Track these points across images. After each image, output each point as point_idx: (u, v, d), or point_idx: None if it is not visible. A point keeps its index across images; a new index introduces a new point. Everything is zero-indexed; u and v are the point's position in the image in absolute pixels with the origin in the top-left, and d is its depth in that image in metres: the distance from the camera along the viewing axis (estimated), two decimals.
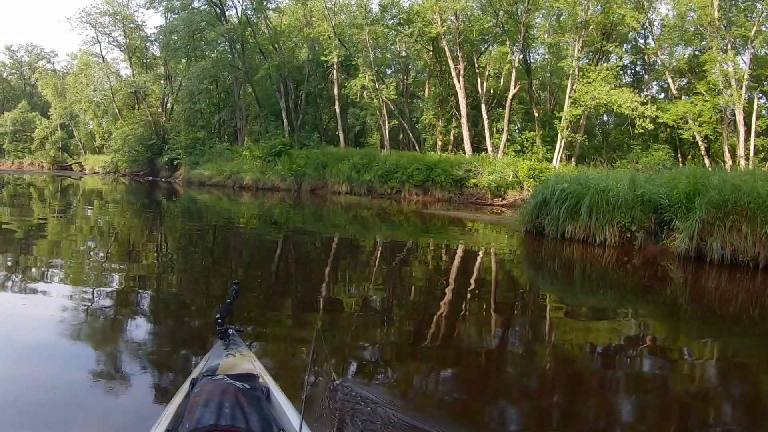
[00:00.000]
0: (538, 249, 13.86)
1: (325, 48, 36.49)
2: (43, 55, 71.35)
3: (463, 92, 32.25)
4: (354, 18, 36.79)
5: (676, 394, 4.92)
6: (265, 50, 39.83)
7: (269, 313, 6.92)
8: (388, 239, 15.62)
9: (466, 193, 27.26)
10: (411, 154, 31.48)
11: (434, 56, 37.31)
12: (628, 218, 12.52)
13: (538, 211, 14.45)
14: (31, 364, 4.85)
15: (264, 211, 23.03)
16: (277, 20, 43.02)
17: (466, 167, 27.46)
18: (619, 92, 28.58)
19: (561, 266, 12.04)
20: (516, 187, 26.42)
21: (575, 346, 6.21)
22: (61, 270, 8.97)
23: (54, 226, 15.03)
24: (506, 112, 32.08)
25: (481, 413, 4.42)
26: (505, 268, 11.75)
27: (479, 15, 34.20)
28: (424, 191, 27.79)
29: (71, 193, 30.90)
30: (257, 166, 33.02)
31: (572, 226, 13.26)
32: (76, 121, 58.86)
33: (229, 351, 3.41)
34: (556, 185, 14.17)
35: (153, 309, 6.90)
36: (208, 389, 2.63)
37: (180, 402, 2.85)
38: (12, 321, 5.93)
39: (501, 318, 7.27)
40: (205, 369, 3.16)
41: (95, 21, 47.18)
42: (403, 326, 6.71)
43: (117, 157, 46.89)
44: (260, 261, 11.11)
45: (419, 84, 41.88)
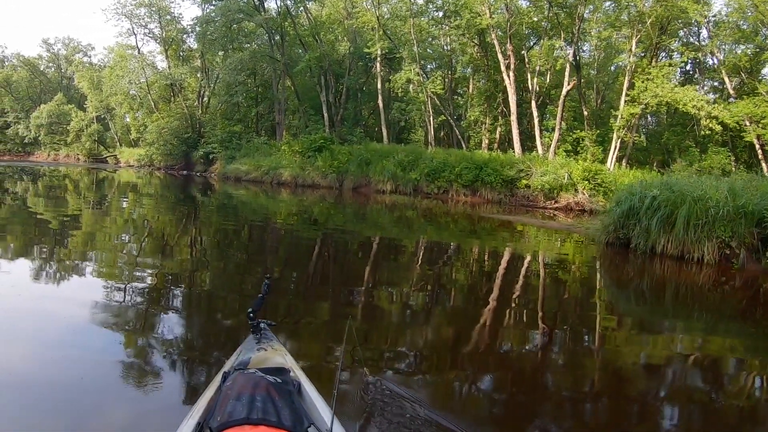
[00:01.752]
0: (622, 264, 12.17)
1: (368, 40, 35.12)
2: (80, 48, 71.48)
3: (513, 88, 30.60)
4: (398, 9, 35.37)
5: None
6: (306, 42, 38.50)
7: (303, 309, 6.97)
8: (441, 242, 14.61)
9: (518, 195, 25.64)
10: (459, 152, 29.92)
11: (481, 50, 35.69)
12: (728, 232, 10.88)
13: (624, 221, 12.75)
14: (62, 353, 4.93)
15: (303, 209, 22.04)
16: (317, 12, 41.81)
17: (517, 167, 25.83)
18: (684, 90, 26.86)
19: (650, 286, 10.34)
20: (570, 189, 24.79)
21: (646, 371, 5.71)
22: (94, 263, 9.04)
23: (88, 219, 15.09)
24: (559, 110, 30.35)
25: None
26: (581, 284, 10.24)
27: (529, 8, 32.58)
28: (473, 192, 26.22)
29: (106, 185, 30.86)
30: (296, 161, 31.51)
31: (664, 240, 11.59)
32: (112, 113, 58.86)
33: (261, 345, 3.44)
34: (645, 192, 12.46)
35: (186, 304, 6.98)
36: (240, 383, 2.66)
37: (212, 395, 2.87)
38: (45, 312, 6.09)
39: (562, 333, 6.85)
40: (236, 363, 3.20)
41: (131, 12, 46.61)
42: (443, 331, 6.58)
43: (152, 151, 45.90)
44: (297, 260, 10.94)
45: (461, 80, 40.25)
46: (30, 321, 5.85)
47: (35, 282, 7.55)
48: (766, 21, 26.76)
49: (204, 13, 40.21)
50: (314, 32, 37.91)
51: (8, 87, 68.42)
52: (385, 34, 34.48)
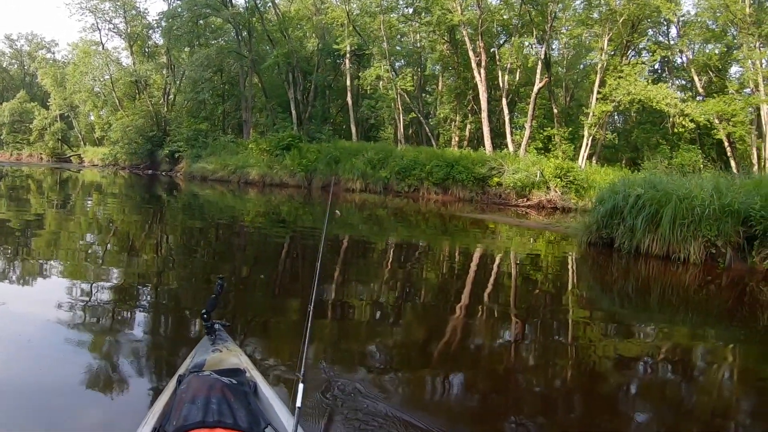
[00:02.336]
0: (606, 265, 11.75)
1: (337, 37, 34.52)
2: (44, 45, 69.99)
3: (484, 85, 30.27)
4: (367, 6, 34.83)
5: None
6: (274, 37, 37.71)
7: (269, 310, 6.87)
8: (412, 241, 14.08)
9: (490, 193, 25.30)
10: (430, 149, 29.49)
11: (451, 47, 35.30)
12: (714, 231, 10.54)
13: (607, 220, 12.31)
14: (22, 358, 4.84)
15: (271, 208, 21.52)
16: (286, 7, 41.09)
17: (489, 165, 25.46)
18: (657, 88, 26.80)
19: (636, 286, 9.94)
20: (542, 187, 24.53)
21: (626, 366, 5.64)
22: (55, 265, 8.90)
23: (51, 220, 14.76)
24: (530, 107, 30.15)
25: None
26: (564, 285, 9.79)
27: (500, 5, 32.30)
28: (444, 190, 25.81)
29: (70, 185, 30.03)
30: (264, 160, 30.74)
31: (649, 240, 11.20)
32: (76, 112, 57.53)
33: (216, 346, 3.40)
34: (629, 190, 12.05)
35: (149, 305, 6.86)
36: (195, 385, 2.60)
37: (167, 399, 2.82)
38: (5, 314, 5.91)
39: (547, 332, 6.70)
40: (191, 365, 3.15)
41: (95, 7, 45.20)
42: (411, 330, 6.48)
43: (116, 149, 44.72)
44: (264, 260, 10.74)
45: (430, 78, 39.86)
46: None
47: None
48: (737, 21, 26.77)
49: (170, 7, 39.22)
50: (282, 28, 37.15)
51: None
52: (355, 30, 33.92)
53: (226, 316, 5.31)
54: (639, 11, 28.08)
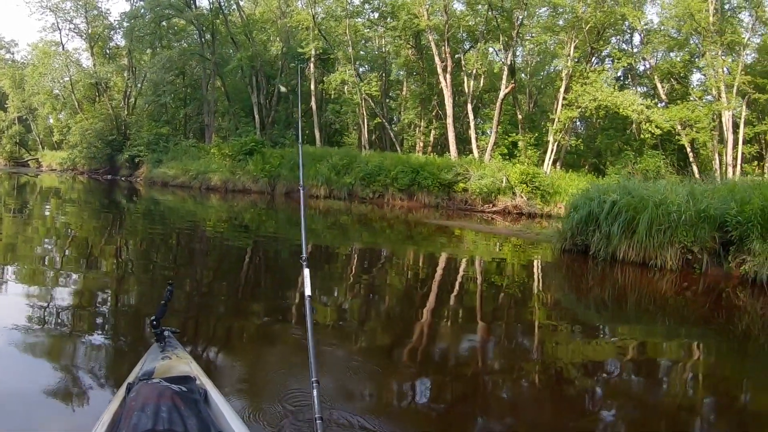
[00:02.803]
0: (581, 272, 11.58)
1: (302, 41, 34.03)
2: (3, 45, 67.73)
3: (449, 90, 30.21)
4: (332, 10, 34.48)
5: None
6: (237, 40, 37.06)
7: (223, 318, 6.83)
8: (377, 248, 13.88)
9: (455, 199, 25.10)
10: (395, 155, 29.15)
11: (416, 53, 35.12)
12: (690, 237, 10.45)
13: (582, 227, 12.12)
14: None
15: (233, 214, 21.00)
16: (250, 10, 40.49)
17: (455, 171, 25.27)
18: (623, 95, 26.94)
19: (612, 293, 9.84)
20: (507, 192, 24.45)
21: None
22: (10, 271, 8.76)
23: (7, 226, 14.41)
24: (496, 113, 30.12)
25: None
26: (538, 293, 9.61)
27: (466, 11, 32.17)
28: (410, 196, 25.55)
29: (27, 191, 29.34)
30: (226, 165, 30.08)
31: (626, 246, 11.06)
32: (34, 114, 55.96)
33: (165, 353, 3.34)
34: (604, 197, 11.88)
35: (102, 313, 6.74)
36: (145, 393, 2.58)
37: (116, 408, 2.74)
38: None
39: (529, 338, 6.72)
40: (141, 373, 3.08)
41: (56, 6, 43.86)
42: (374, 339, 6.37)
43: (75, 154, 43.43)
44: (225, 268, 10.53)
45: (395, 83, 39.65)
46: None
47: None
48: (700, 29, 27.05)
49: (133, 8, 38.32)
50: (247, 31, 36.58)
51: None
52: (320, 34, 33.47)
53: (180, 323, 5.42)
54: (605, 19, 28.20)
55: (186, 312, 6.69)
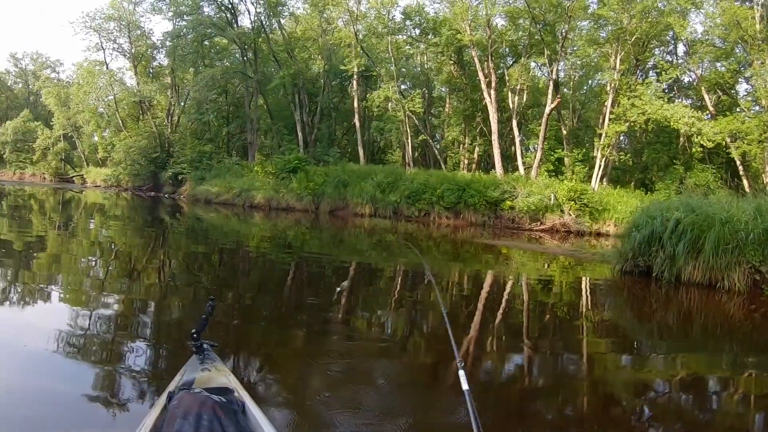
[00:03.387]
0: (644, 295, 10.98)
1: (344, 57, 33.98)
2: (48, 64, 69.76)
3: (494, 106, 29.71)
4: (374, 27, 34.41)
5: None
6: (279, 58, 37.18)
7: (263, 336, 6.85)
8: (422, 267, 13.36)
9: (502, 217, 24.57)
10: (440, 173, 28.79)
11: (459, 69, 34.80)
12: (758, 257, 9.89)
13: (644, 247, 11.53)
14: (19, 372, 4.95)
15: (277, 233, 20.87)
16: (292, 28, 40.62)
17: (501, 188, 24.79)
18: (674, 107, 26.17)
19: (678, 318, 9.27)
20: (555, 210, 23.85)
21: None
22: (58, 288, 8.90)
23: (52, 242, 14.70)
24: (542, 129, 29.56)
25: None
26: (600, 318, 9.13)
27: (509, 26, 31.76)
28: (456, 214, 25.10)
29: (72, 206, 29.74)
30: (270, 183, 29.96)
31: (690, 267, 10.47)
32: (79, 132, 56.97)
33: (205, 365, 3.42)
34: (667, 215, 11.32)
35: (144, 325, 6.93)
36: (187, 402, 2.66)
37: (157, 415, 2.84)
38: (5, 337, 6.00)
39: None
40: (181, 383, 3.16)
41: (99, 26, 44.70)
42: (418, 365, 6.13)
43: (119, 170, 43.97)
44: (268, 285, 10.52)
45: (437, 100, 39.35)
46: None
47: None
48: (747, 37, 26.22)
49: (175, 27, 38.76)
50: (288, 48, 36.66)
51: None
52: (363, 51, 33.35)
53: (220, 338, 5.42)
54: (650, 29, 27.50)
55: (227, 327, 6.79)
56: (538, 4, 27.95)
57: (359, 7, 33.87)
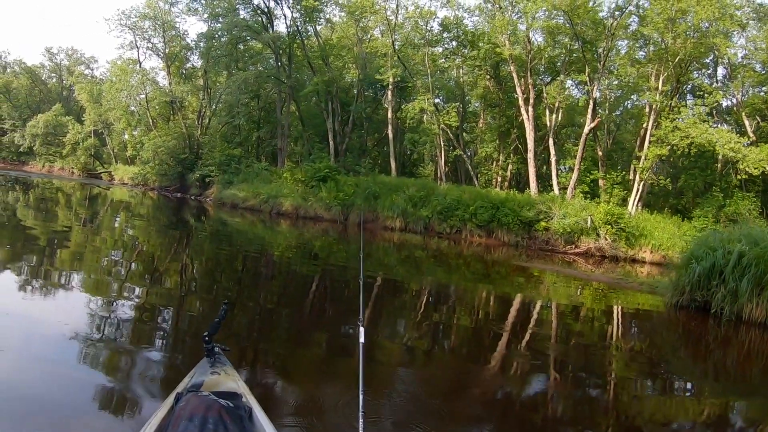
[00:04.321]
0: (702, 333, 10.34)
1: (379, 68, 33.48)
2: (83, 60, 70.28)
3: (531, 124, 29.00)
4: (410, 38, 33.88)
5: None
6: (314, 64, 36.73)
7: (278, 342, 6.85)
8: (450, 286, 13.45)
9: (536, 238, 23.79)
10: (473, 189, 28.07)
11: (495, 84, 34.14)
12: None
13: (703, 281, 10.79)
14: (31, 367, 5.03)
15: (303, 242, 20.63)
16: (327, 35, 40.24)
17: (537, 208, 24.04)
18: (718, 132, 25.26)
19: (735, 359, 8.75)
20: (591, 234, 23.00)
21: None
22: (77, 280, 9.13)
23: (77, 236, 14.98)
24: (580, 149, 28.75)
25: None
26: (652, 356, 8.61)
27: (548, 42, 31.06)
28: (488, 233, 24.34)
29: (99, 202, 30.41)
30: (298, 191, 29.29)
31: (753, 305, 9.80)
32: (110, 129, 57.20)
33: (215, 369, 3.46)
34: (728, 246, 10.58)
35: (159, 325, 7.01)
36: (194, 404, 2.68)
37: (164, 414, 2.89)
38: (30, 327, 6.26)
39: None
40: (190, 384, 3.19)
41: (134, 24, 44.76)
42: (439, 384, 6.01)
43: (146, 169, 43.90)
44: (289, 294, 10.49)
45: (470, 115, 38.67)
46: (15, 336, 5.98)
47: (21, 298, 7.69)
48: None
49: (210, 28, 38.56)
50: (323, 55, 36.24)
51: (7, 94, 67.09)
52: (399, 61, 32.75)
53: (235, 342, 5.67)
54: (694, 50, 26.60)
55: (242, 332, 6.94)
56: (581, 19, 27.22)
57: (397, 17, 33.35)
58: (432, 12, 32.28)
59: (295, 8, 35.09)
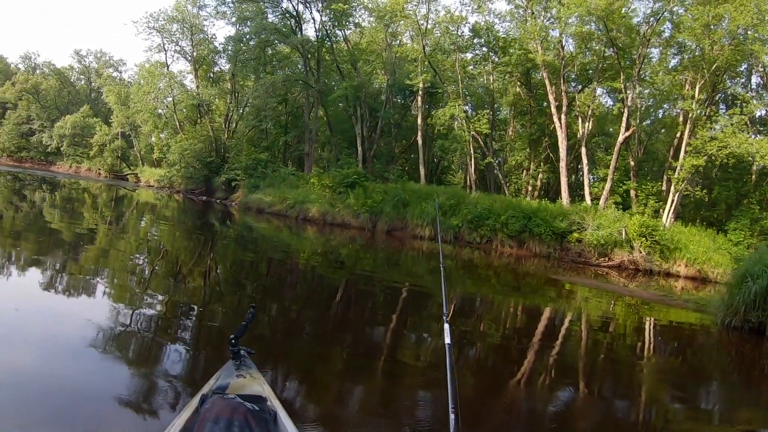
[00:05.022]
0: (755, 357, 9.85)
1: (408, 73, 33.07)
2: (111, 63, 71.01)
3: (563, 132, 28.39)
4: (441, 43, 33.43)
5: None
6: (343, 69, 36.39)
7: (302, 348, 6.74)
8: (478, 297, 12.91)
9: (569, 250, 23.18)
10: (504, 198, 27.49)
11: (526, 91, 33.57)
12: None
13: (760, 301, 10.20)
14: (58, 365, 5.08)
15: (329, 249, 20.22)
16: (356, 41, 39.93)
17: (570, 219, 23.45)
18: (759, 142, 24.51)
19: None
20: (625, 246, 22.37)
21: None
22: (101, 281, 9.14)
23: (102, 236, 15.13)
24: (614, 158, 28.14)
25: None
26: (702, 382, 8.13)
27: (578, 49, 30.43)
28: (519, 243, 23.70)
29: (124, 204, 30.55)
30: (326, 197, 28.75)
31: None
32: (137, 131, 57.50)
33: (240, 372, 3.46)
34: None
35: (184, 328, 7.01)
36: (219, 406, 2.70)
37: (189, 416, 2.90)
38: (54, 324, 6.44)
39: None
40: (215, 386, 3.20)
41: (162, 27, 44.73)
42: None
43: (172, 172, 43.78)
44: (314, 301, 10.46)
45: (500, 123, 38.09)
46: (39, 331, 6.10)
47: (46, 295, 7.86)
48: None
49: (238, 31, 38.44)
50: (353, 59, 35.90)
51: (36, 95, 67.85)
52: (430, 66, 32.29)
53: (260, 346, 5.32)
54: (731, 57, 25.84)
55: (268, 337, 6.92)
56: (615, 25, 26.60)
57: (427, 23, 32.94)
58: (463, 17, 31.88)
59: (324, 12, 34.80)
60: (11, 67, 75.40)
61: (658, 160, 34.40)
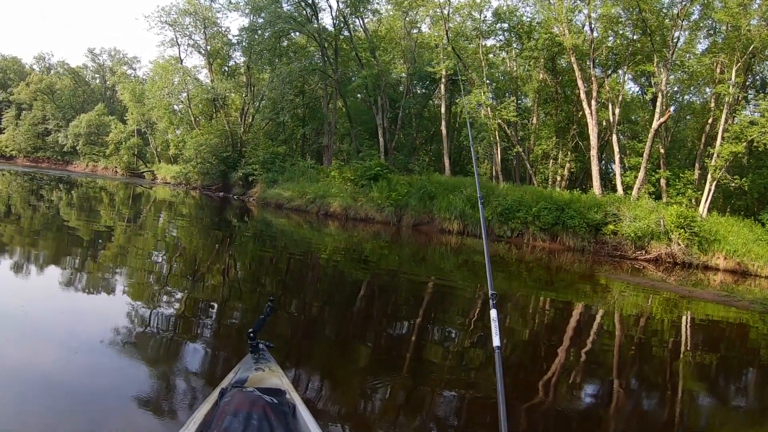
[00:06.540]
0: None
1: (429, 61, 31.97)
2: (125, 61, 70.72)
3: (594, 119, 27.15)
4: (463, 29, 32.28)
5: None
6: (362, 57, 35.29)
7: (324, 344, 6.77)
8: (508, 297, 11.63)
9: (604, 243, 22.00)
10: (535, 189, 26.27)
11: (552, 77, 32.34)
12: None
13: None
14: (74, 360, 5.15)
15: (352, 245, 19.25)
16: (374, 29, 38.86)
17: (604, 210, 22.30)
18: None
19: None
20: (663, 238, 21.16)
21: None
22: (119, 278, 9.18)
23: (119, 234, 15.14)
24: (647, 145, 26.76)
25: None
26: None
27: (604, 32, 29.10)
28: (552, 237, 22.52)
29: (141, 201, 30.10)
30: (348, 190, 27.61)
31: None
32: (153, 128, 57.02)
33: (259, 365, 3.44)
34: None
35: (203, 323, 7.06)
36: (238, 400, 2.68)
37: (208, 409, 2.89)
38: (72, 321, 6.50)
39: None
40: (234, 380, 3.21)
41: (174, 21, 44.02)
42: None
43: (189, 168, 42.87)
44: (336, 298, 10.17)
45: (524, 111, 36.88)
46: (58, 329, 6.08)
47: (65, 293, 7.82)
48: None
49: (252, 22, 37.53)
50: (372, 47, 34.81)
51: (51, 94, 67.65)
52: (454, 52, 31.09)
53: (280, 341, 5.53)
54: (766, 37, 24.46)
55: (286, 331, 6.93)
56: (647, 5, 25.32)
57: (449, 7, 31.78)
58: (486, 0, 30.70)
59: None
60: (26, 68, 75.31)
61: (686, 148, 33.09)
